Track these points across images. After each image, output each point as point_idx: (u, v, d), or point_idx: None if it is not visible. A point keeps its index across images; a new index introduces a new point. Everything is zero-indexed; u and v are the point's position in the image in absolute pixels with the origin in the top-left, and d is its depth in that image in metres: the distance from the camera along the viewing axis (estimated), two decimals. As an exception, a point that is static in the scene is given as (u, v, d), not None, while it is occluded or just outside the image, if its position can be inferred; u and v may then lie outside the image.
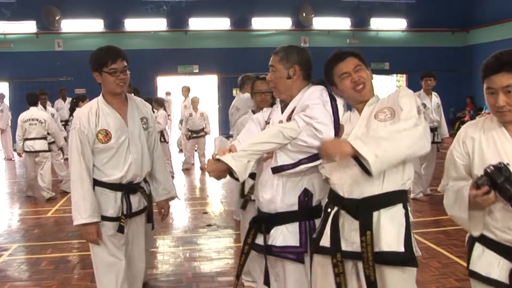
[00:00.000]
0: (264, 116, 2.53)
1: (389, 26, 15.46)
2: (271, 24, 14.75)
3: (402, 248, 2.01)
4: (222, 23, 14.55)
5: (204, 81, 15.24)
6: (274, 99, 3.21)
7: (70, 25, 13.79)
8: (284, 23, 14.86)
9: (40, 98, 7.90)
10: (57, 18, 13.64)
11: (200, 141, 9.82)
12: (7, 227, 6.02)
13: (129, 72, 2.77)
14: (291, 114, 2.29)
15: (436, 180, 6.62)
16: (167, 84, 14.69)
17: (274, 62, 2.39)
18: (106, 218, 2.77)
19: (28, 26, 13.69)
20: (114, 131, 2.74)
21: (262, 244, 2.32)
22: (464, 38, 15.77)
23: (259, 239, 2.35)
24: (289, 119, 2.29)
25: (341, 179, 2.11)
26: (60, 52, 13.71)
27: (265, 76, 3.24)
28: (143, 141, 2.87)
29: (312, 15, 14.80)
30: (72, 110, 7.64)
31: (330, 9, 14.79)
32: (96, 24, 13.88)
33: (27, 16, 13.46)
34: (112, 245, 2.79)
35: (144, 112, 2.93)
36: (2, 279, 4.22)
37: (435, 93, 6.74)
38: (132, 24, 14.12)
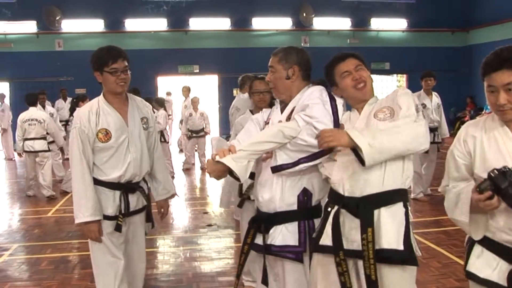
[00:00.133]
0: (263, 117, 2.54)
1: (389, 26, 15.46)
2: (271, 24, 14.75)
3: (401, 246, 2.00)
4: (223, 23, 14.55)
5: (205, 81, 15.24)
6: (273, 99, 3.22)
7: (70, 25, 13.79)
8: (284, 23, 14.86)
9: (39, 98, 7.90)
10: (57, 18, 13.65)
11: (200, 141, 9.82)
12: (8, 227, 6.03)
13: (129, 72, 2.78)
14: (291, 114, 2.29)
15: (436, 180, 6.62)
16: (168, 84, 14.69)
17: (274, 62, 2.40)
18: (105, 217, 2.78)
19: (29, 26, 13.70)
20: (114, 130, 2.75)
21: (261, 244, 2.32)
22: (464, 38, 15.77)
23: (259, 239, 2.35)
24: (288, 119, 2.29)
25: (341, 178, 2.11)
26: (61, 52, 13.72)
27: (263, 76, 3.25)
28: (143, 141, 2.88)
29: (312, 15, 14.80)
30: (72, 110, 7.65)
31: (330, 9, 14.78)
32: (96, 24, 13.89)
33: (27, 16, 13.46)
34: (111, 244, 2.80)
35: (145, 112, 2.94)
36: (3, 279, 4.23)
37: (435, 93, 6.74)
38: (133, 24, 14.13)
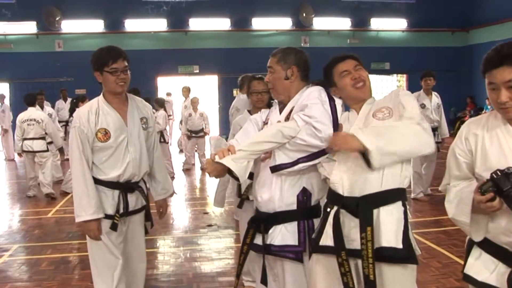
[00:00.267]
0: (261, 117, 2.54)
1: (389, 26, 15.47)
2: (271, 24, 14.76)
3: (400, 245, 2.00)
4: (222, 23, 14.56)
5: (205, 81, 15.25)
6: (271, 99, 3.22)
7: (70, 25, 13.80)
8: (284, 23, 14.86)
9: (37, 98, 7.94)
10: (57, 18, 13.65)
11: (199, 141, 9.83)
12: (8, 227, 6.02)
13: (129, 72, 2.79)
14: (289, 115, 2.30)
15: (436, 180, 6.62)
16: (168, 85, 14.70)
17: (272, 63, 2.41)
18: (104, 216, 2.78)
19: (29, 27, 13.71)
20: (113, 130, 2.76)
21: (260, 244, 2.32)
22: (464, 38, 15.77)
23: (258, 239, 2.35)
24: (287, 119, 2.30)
25: (341, 178, 2.11)
26: (61, 52, 13.73)
27: (261, 76, 3.25)
28: (142, 141, 2.89)
29: (312, 15, 14.80)
30: (72, 110, 7.66)
31: (330, 9, 14.79)
32: (96, 25, 13.90)
33: (27, 17, 13.47)
34: (110, 243, 2.80)
35: (144, 112, 2.95)
36: (3, 280, 4.23)
37: (436, 93, 6.74)
38: (132, 24, 14.13)
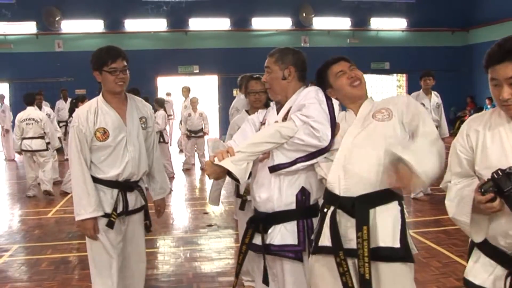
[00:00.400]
0: (259, 117, 2.55)
1: (389, 26, 15.47)
2: (271, 24, 14.75)
3: (398, 244, 2.00)
4: (222, 23, 14.56)
5: (205, 81, 15.25)
6: (269, 99, 3.22)
7: (70, 25, 13.80)
8: (284, 23, 14.86)
9: (35, 98, 7.98)
10: (57, 18, 13.65)
11: (199, 141, 9.83)
12: (8, 228, 6.02)
13: (128, 72, 2.79)
14: (287, 115, 2.30)
15: (436, 179, 6.60)
16: (168, 85, 14.70)
17: (270, 63, 2.41)
18: (103, 214, 2.78)
19: (28, 27, 13.71)
20: (112, 129, 2.77)
21: (260, 244, 2.32)
22: (464, 38, 15.77)
23: (257, 239, 2.35)
24: (284, 119, 2.30)
25: (338, 177, 2.10)
26: (60, 52, 13.73)
27: (259, 75, 3.25)
28: (141, 140, 2.90)
29: (312, 15, 14.80)
30: (71, 111, 7.68)
31: (330, 9, 14.79)
32: (96, 25, 13.89)
33: (27, 17, 13.47)
34: (108, 242, 2.80)
35: (144, 112, 2.95)
36: (3, 280, 4.23)
37: (436, 92, 6.74)
38: (132, 24, 14.13)
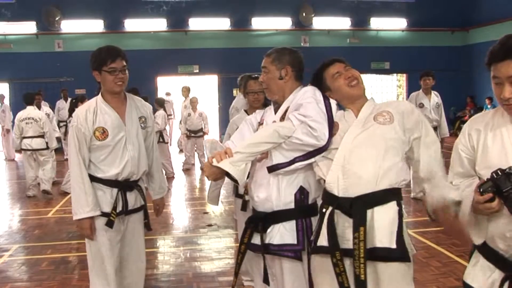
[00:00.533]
0: (256, 118, 2.55)
1: (389, 26, 15.45)
2: (271, 24, 14.74)
3: (394, 245, 2.00)
4: (222, 23, 14.55)
5: (205, 81, 15.24)
6: (267, 99, 3.23)
7: (70, 25, 13.79)
8: (284, 23, 14.85)
9: (35, 98, 8.03)
10: (57, 18, 13.64)
11: (198, 141, 9.83)
12: (8, 228, 6.03)
13: (128, 71, 2.80)
14: (284, 115, 2.30)
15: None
16: (168, 84, 14.69)
17: (267, 63, 2.42)
18: (102, 214, 2.79)
19: (28, 27, 13.69)
20: (111, 129, 2.77)
21: (259, 243, 2.32)
22: (464, 38, 15.76)
23: (256, 239, 2.35)
24: (282, 119, 2.30)
25: (336, 177, 2.10)
26: (60, 52, 13.71)
27: (258, 75, 3.25)
28: (141, 140, 2.90)
29: (312, 15, 14.79)
30: (71, 110, 7.68)
31: (330, 8, 14.77)
32: (96, 25, 13.88)
33: (27, 17, 13.46)
34: (107, 241, 2.81)
35: (143, 112, 2.96)
36: (3, 280, 4.23)
37: (436, 92, 6.72)
38: (132, 24, 14.12)
